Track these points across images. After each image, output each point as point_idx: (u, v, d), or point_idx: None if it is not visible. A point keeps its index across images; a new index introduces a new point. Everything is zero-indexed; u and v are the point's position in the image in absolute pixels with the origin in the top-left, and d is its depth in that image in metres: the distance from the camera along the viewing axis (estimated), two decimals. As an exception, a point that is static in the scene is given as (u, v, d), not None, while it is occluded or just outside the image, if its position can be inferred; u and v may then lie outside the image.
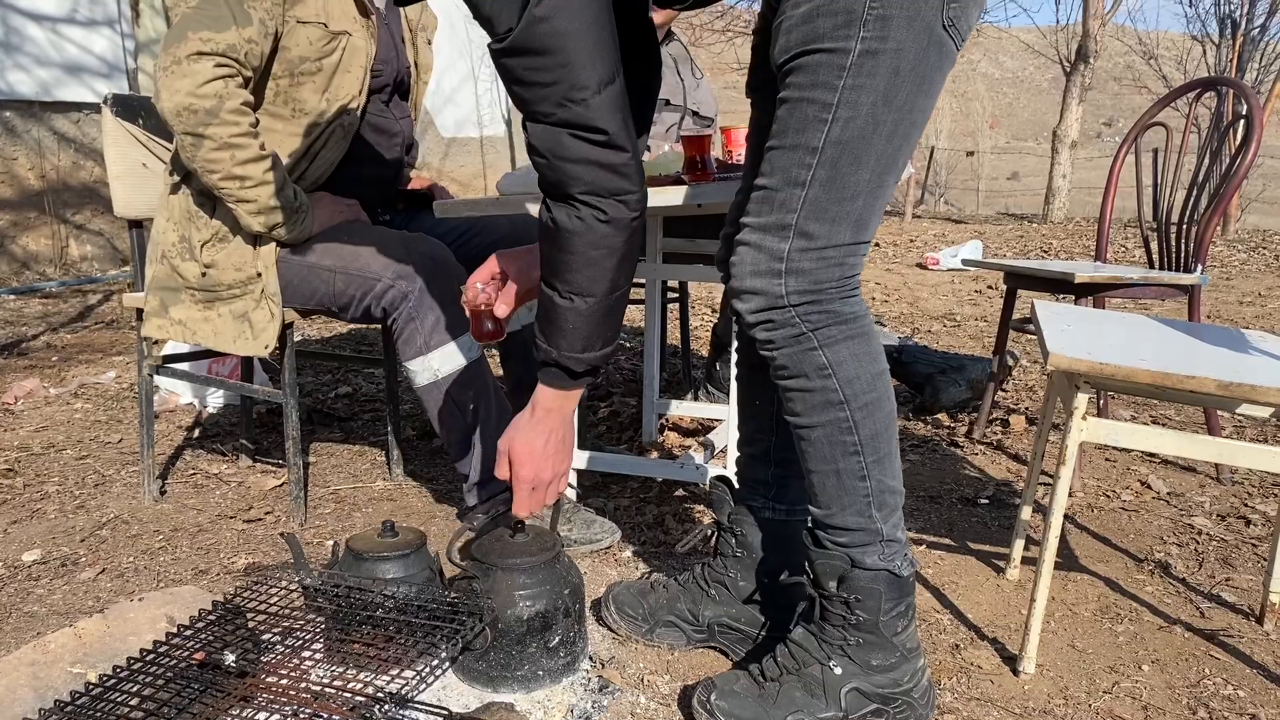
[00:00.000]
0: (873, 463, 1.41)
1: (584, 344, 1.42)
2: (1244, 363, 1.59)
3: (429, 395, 2.07)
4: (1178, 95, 2.73)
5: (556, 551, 1.59)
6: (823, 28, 1.28)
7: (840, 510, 1.43)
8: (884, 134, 1.30)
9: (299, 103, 2.13)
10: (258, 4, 2.01)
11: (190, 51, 1.94)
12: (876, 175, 1.33)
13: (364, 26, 2.17)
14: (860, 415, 1.39)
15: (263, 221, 2.07)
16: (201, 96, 1.94)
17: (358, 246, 2.10)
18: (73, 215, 6.26)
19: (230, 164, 1.99)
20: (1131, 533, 2.24)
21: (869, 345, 1.40)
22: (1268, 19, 9.28)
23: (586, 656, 1.63)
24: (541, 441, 1.50)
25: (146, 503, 2.39)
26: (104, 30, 6.32)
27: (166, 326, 2.18)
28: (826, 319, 1.36)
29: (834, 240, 1.33)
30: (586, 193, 1.32)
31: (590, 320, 1.41)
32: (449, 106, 9.60)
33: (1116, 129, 31.92)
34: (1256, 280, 6.24)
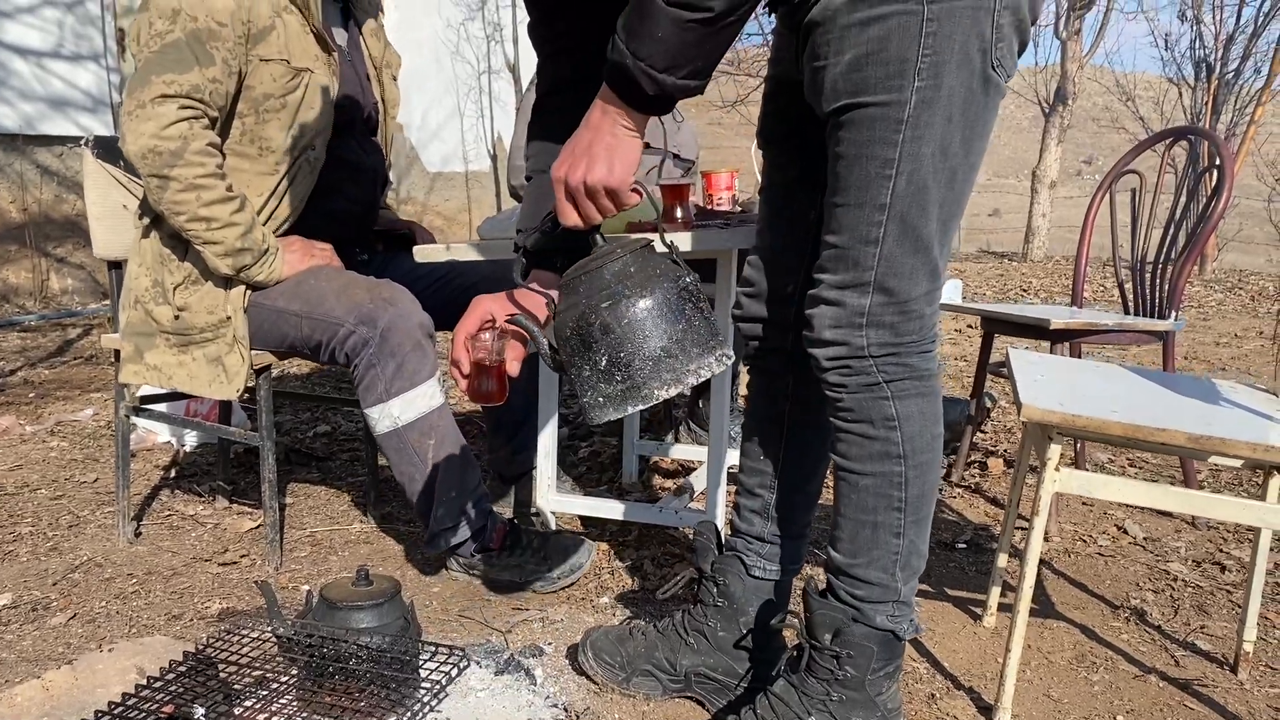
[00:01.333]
0: (911, 523, 1.42)
1: (668, 62, 1.20)
2: (1215, 414, 1.61)
3: (389, 443, 2.08)
4: (1151, 144, 2.77)
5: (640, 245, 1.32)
6: (873, 77, 1.28)
7: (867, 563, 1.43)
8: (945, 181, 1.32)
9: (265, 140, 2.14)
10: (220, 44, 2.03)
11: (154, 95, 1.97)
12: (942, 223, 1.34)
13: (325, 63, 2.19)
14: (913, 473, 1.40)
15: (230, 264, 2.07)
16: (166, 138, 1.96)
17: (323, 290, 2.11)
18: (54, 249, 6.25)
19: (196, 205, 2.00)
20: (1108, 579, 2.25)
21: (935, 406, 1.41)
22: (1241, 63, 9.44)
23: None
24: (579, 144, 1.28)
25: (121, 545, 2.37)
26: (89, 65, 6.34)
27: (143, 372, 2.18)
28: (903, 371, 1.37)
29: (913, 293, 1.35)
30: None
31: (689, 37, 1.19)
32: (435, 142, 9.65)
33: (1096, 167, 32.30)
34: (1233, 321, 6.31)
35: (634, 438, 2.80)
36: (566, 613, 2.00)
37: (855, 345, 1.36)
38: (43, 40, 6.09)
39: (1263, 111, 9.26)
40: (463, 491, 2.10)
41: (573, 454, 3.13)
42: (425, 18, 9.26)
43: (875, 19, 1.26)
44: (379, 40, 2.45)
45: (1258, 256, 13.53)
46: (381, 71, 2.44)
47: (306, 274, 2.17)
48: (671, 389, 1.23)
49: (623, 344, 1.22)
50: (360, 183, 2.34)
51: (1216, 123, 9.71)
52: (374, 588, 1.60)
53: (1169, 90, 10.75)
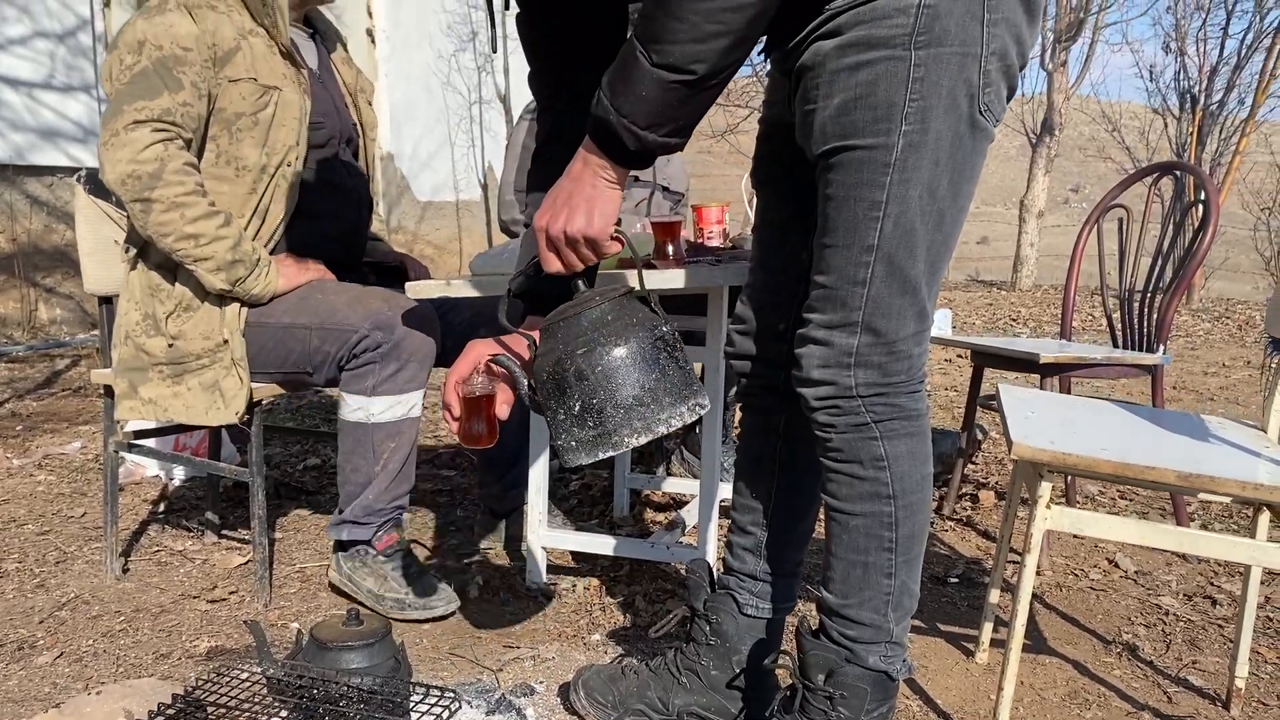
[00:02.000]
0: (902, 563, 1.42)
1: (651, 120, 1.22)
2: (1204, 451, 1.61)
3: (352, 432, 2.11)
4: (1138, 178, 2.80)
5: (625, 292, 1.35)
6: (861, 121, 1.30)
7: (859, 604, 1.43)
8: (932, 224, 1.33)
9: (240, 160, 2.15)
10: (186, 68, 2.06)
11: (127, 122, 2.00)
12: (930, 265, 1.36)
13: (295, 81, 2.21)
14: (903, 513, 1.40)
15: (225, 278, 2.07)
16: (142, 162, 1.99)
17: (333, 302, 2.12)
18: (43, 279, 6.23)
19: (182, 223, 2.02)
20: (1099, 613, 2.25)
21: (925, 445, 1.42)
22: (1225, 95, 9.55)
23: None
24: (560, 194, 1.31)
25: (108, 581, 2.35)
26: (79, 95, 6.36)
27: (138, 407, 2.17)
28: (892, 412, 1.38)
29: (900, 333, 1.36)
30: None
31: (672, 97, 1.21)
32: (425, 171, 9.68)
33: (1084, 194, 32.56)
34: (1220, 350, 6.34)
35: (625, 471, 2.79)
36: (558, 650, 1.99)
37: (843, 385, 1.37)
38: (34, 71, 6.10)
39: (1247, 142, 9.37)
40: (389, 501, 2.16)
41: (564, 487, 3.12)
42: (416, 49, 9.32)
43: (864, 64, 1.28)
44: (350, 68, 2.49)
45: (1244, 284, 13.62)
46: (356, 96, 2.47)
47: (310, 289, 2.18)
48: (643, 436, 1.25)
49: (596, 390, 1.25)
50: (344, 203, 2.36)
51: (1202, 153, 9.81)
52: (364, 627, 1.59)
53: (1154, 120, 10.86)
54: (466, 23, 9.96)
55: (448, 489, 3.12)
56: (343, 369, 2.09)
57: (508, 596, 2.27)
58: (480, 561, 2.49)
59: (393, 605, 2.11)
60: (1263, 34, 9.29)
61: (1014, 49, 1.32)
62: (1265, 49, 9.00)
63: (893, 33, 1.26)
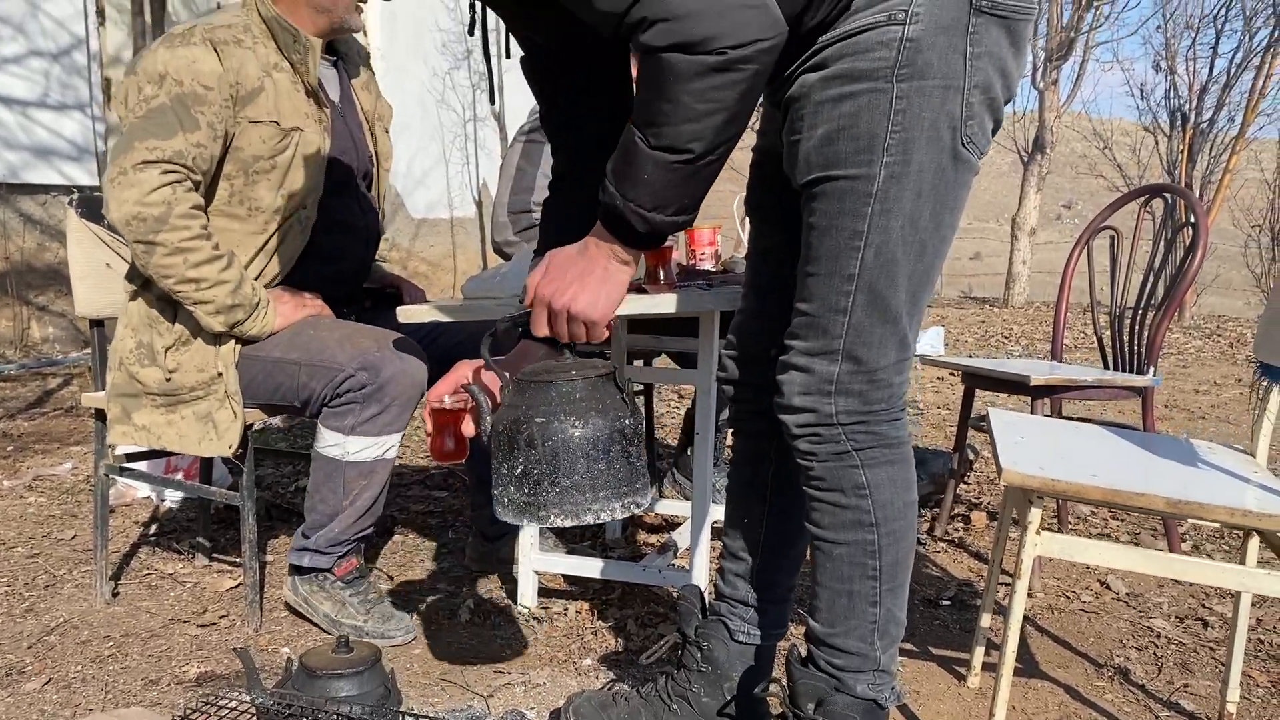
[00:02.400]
0: (887, 591, 1.42)
1: (656, 201, 1.25)
2: (1193, 477, 1.62)
3: (325, 466, 2.11)
4: (1128, 200, 2.81)
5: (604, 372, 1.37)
6: (844, 152, 1.31)
7: (845, 632, 1.43)
8: (914, 254, 1.34)
9: (254, 201, 2.14)
10: (205, 108, 2.03)
11: (136, 161, 1.97)
12: (911, 294, 1.37)
13: (317, 120, 2.19)
14: (886, 541, 1.40)
15: (223, 320, 2.07)
16: (149, 204, 1.97)
17: (324, 340, 2.11)
18: (35, 297, 6.22)
19: (184, 268, 2.01)
20: (1091, 636, 2.25)
21: (906, 472, 1.42)
22: (1215, 113, 9.60)
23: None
24: (573, 269, 1.32)
25: (98, 605, 2.34)
26: (74, 114, 6.36)
27: (131, 433, 2.17)
28: (872, 440, 1.38)
29: (881, 362, 1.37)
30: (712, 41, 1.16)
31: (673, 177, 1.24)
32: (420, 189, 9.69)
33: (1076, 211, 32.70)
34: (1212, 368, 6.36)
35: (617, 493, 2.79)
36: (549, 676, 1.99)
37: (824, 413, 1.37)
38: (29, 90, 6.11)
39: (1237, 160, 9.41)
40: (354, 533, 2.16)
41: (556, 508, 3.11)
42: (411, 66, 9.34)
43: (847, 96, 1.30)
44: (370, 93, 2.45)
45: (1236, 299, 13.67)
46: (374, 124, 2.45)
47: (303, 324, 2.17)
48: (569, 520, 1.29)
49: (540, 463, 1.28)
50: (355, 244, 2.35)
51: (1193, 170, 9.85)
52: (354, 655, 1.59)
53: (1145, 138, 10.92)
54: (462, 41, 9.99)
55: (439, 510, 3.11)
56: (325, 405, 2.09)
57: (499, 620, 2.27)
58: (472, 584, 2.48)
59: (350, 631, 2.10)
60: (1252, 53, 9.35)
61: (998, 81, 1.33)
62: (1254, 68, 9.06)
63: (876, 65, 1.28)
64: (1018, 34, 1.33)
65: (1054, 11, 10.59)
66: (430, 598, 2.40)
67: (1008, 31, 1.32)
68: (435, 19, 9.65)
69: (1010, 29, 1.32)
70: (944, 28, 1.27)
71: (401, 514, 3.06)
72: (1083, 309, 8.98)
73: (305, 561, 2.16)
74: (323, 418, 2.10)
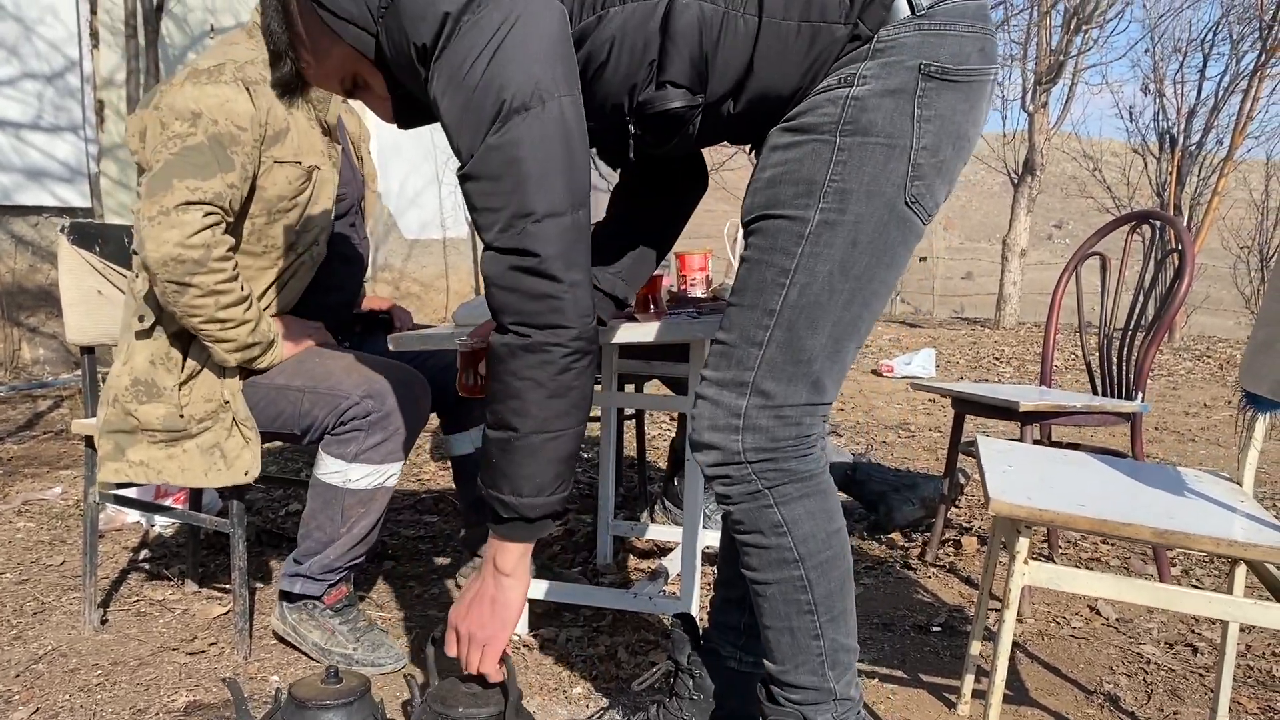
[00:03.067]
0: (826, 622, 1.42)
1: (510, 486, 1.38)
2: (1180, 507, 1.63)
3: (324, 492, 2.11)
4: (1116, 226, 2.83)
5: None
6: (784, 194, 1.36)
7: (794, 668, 1.43)
8: (841, 301, 1.36)
9: (272, 239, 2.14)
10: (239, 149, 2.01)
11: (179, 201, 1.93)
12: (833, 340, 1.37)
13: (329, 156, 2.21)
14: (815, 574, 1.40)
15: (240, 357, 2.08)
16: (190, 247, 1.94)
17: (330, 368, 2.11)
18: (26, 318, 6.21)
19: (214, 309, 2.00)
20: (1081, 662, 2.25)
21: (825, 503, 1.42)
22: (1203, 135, 9.68)
23: None
24: (470, 593, 1.49)
25: (87, 633, 2.33)
26: (67, 136, 6.37)
27: (125, 470, 2.13)
28: (782, 477, 1.38)
29: (790, 400, 1.37)
30: (516, 322, 1.32)
31: (512, 457, 1.36)
32: (412, 209, 9.71)
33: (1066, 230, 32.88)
34: (1202, 390, 6.39)
35: (609, 517, 2.79)
36: (539, 704, 1.98)
37: (730, 450, 1.38)
38: (22, 112, 6.12)
39: (1225, 182, 9.49)
40: (347, 561, 2.16)
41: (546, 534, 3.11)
42: (404, 88, 9.37)
43: (795, 144, 1.36)
44: (353, 116, 2.48)
45: (1226, 319, 13.74)
46: (359, 147, 2.48)
47: (307, 353, 2.17)
48: None
49: None
50: (351, 273, 2.37)
51: (1181, 192, 9.93)
52: (343, 685, 1.58)
53: (1134, 159, 11.00)
54: (454, 63, 10.04)
55: (430, 535, 3.11)
56: (327, 433, 2.09)
57: (489, 647, 2.26)
58: (462, 611, 2.48)
59: (339, 659, 2.10)
60: (1239, 77, 9.45)
61: (949, 144, 1.35)
62: (1241, 91, 9.15)
63: (822, 120, 1.34)
64: (975, 97, 1.37)
65: (1043, 35, 10.68)
66: (421, 625, 2.40)
67: (964, 96, 1.35)
68: (429, 41, 9.69)
69: (966, 93, 1.35)
70: (891, 91, 1.32)
71: (393, 539, 3.05)
72: (1073, 330, 9.02)
73: (297, 588, 2.16)
74: (324, 444, 2.09)
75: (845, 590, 1.45)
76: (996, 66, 1.39)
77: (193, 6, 7.41)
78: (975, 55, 1.34)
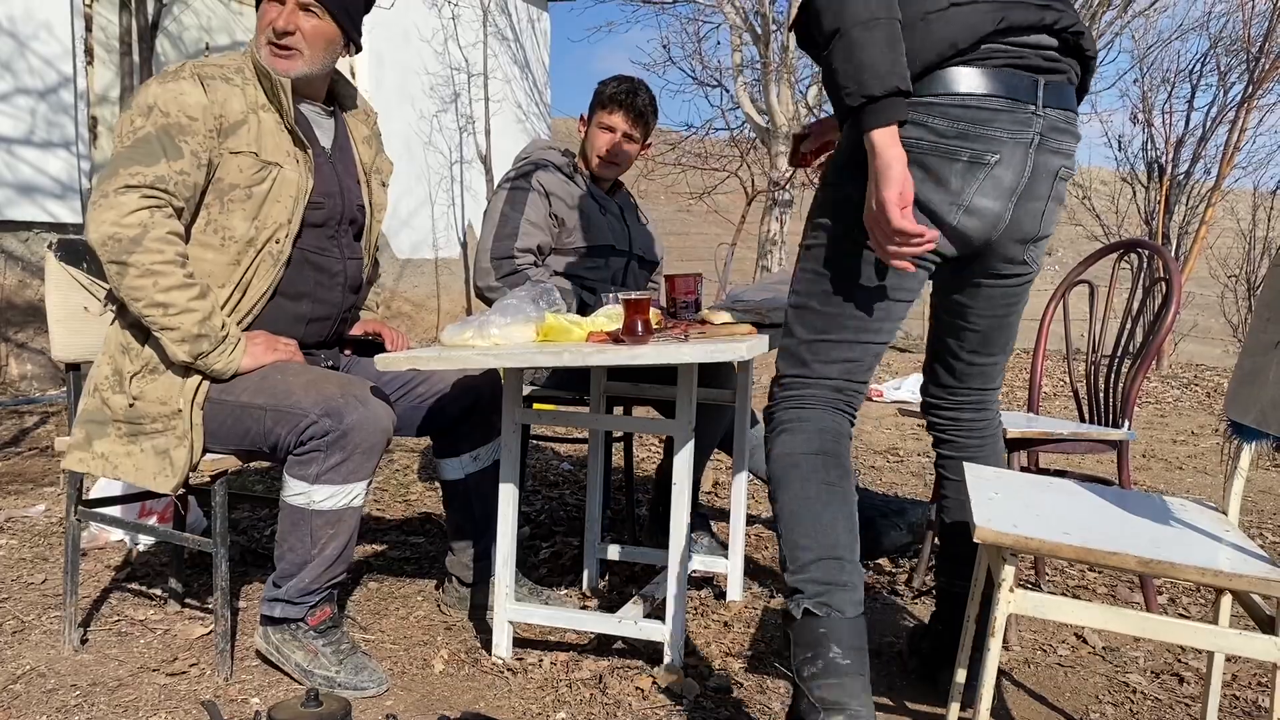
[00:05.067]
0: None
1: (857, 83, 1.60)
2: (1165, 535, 1.63)
3: (292, 515, 2.10)
4: (1102, 255, 2.85)
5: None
6: (809, 220, 1.89)
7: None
8: (807, 315, 1.93)
9: (228, 230, 2.15)
10: (189, 137, 2.07)
11: (118, 185, 2.01)
12: (811, 337, 1.93)
13: (300, 160, 2.21)
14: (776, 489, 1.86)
15: (188, 350, 2.07)
16: (126, 226, 2.00)
17: (290, 385, 2.10)
18: (15, 334, 6.18)
19: (153, 290, 2.01)
20: (1067, 690, 2.24)
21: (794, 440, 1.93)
22: (1191, 165, 9.75)
23: None
24: (885, 190, 1.60)
25: (66, 653, 2.30)
26: (59, 151, 6.36)
27: (87, 460, 2.16)
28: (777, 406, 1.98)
29: (781, 351, 1.97)
30: None
31: (856, 49, 1.58)
32: (405, 229, 9.71)
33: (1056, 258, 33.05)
34: (1189, 418, 6.40)
35: (595, 540, 2.78)
36: (522, 729, 1.97)
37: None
38: (14, 127, 6.11)
39: (1213, 211, 9.55)
40: (325, 582, 2.15)
41: (533, 555, 3.10)
42: (398, 109, 9.40)
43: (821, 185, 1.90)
44: (371, 148, 2.48)
45: (1214, 347, 13.79)
46: (371, 176, 2.47)
47: (271, 369, 2.16)
48: None
49: None
50: (329, 286, 2.34)
51: (1170, 220, 9.98)
52: (323, 709, 1.58)
53: (1123, 187, 11.06)
54: (449, 84, 10.08)
55: (414, 557, 3.09)
56: (289, 452, 2.08)
57: (472, 670, 2.25)
58: (446, 633, 2.46)
59: (321, 681, 2.09)
60: (1226, 107, 9.52)
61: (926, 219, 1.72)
62: (1229, 122, 9.22)
63: (827, 175, 1.84)
64: (938, 171, 1.68)
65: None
66: (404, 647, 2.38)
67: (920, 167, 1.67)
68: (423, 63, 9.74)
69: (925, 165, 1.67)
70: (859, 163, 1.67)
71: (378, 560, 3.04)
72: (1061, 356, 9.05)
73: (277, 612, 2.14)
74: (287, 466, 2.09)
75: (797, 514, 1.79)
76: (966, 147, 1.73)
77: (188, 25, 7.44)
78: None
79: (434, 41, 9.81)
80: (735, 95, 11.68)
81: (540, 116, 11.90)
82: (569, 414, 2.78)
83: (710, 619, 2.59)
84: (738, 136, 12.33)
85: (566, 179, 3.05)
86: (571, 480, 4.18)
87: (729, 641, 2.44)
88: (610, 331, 2.09)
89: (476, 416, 2.45)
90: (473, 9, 10.07)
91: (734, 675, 2.24)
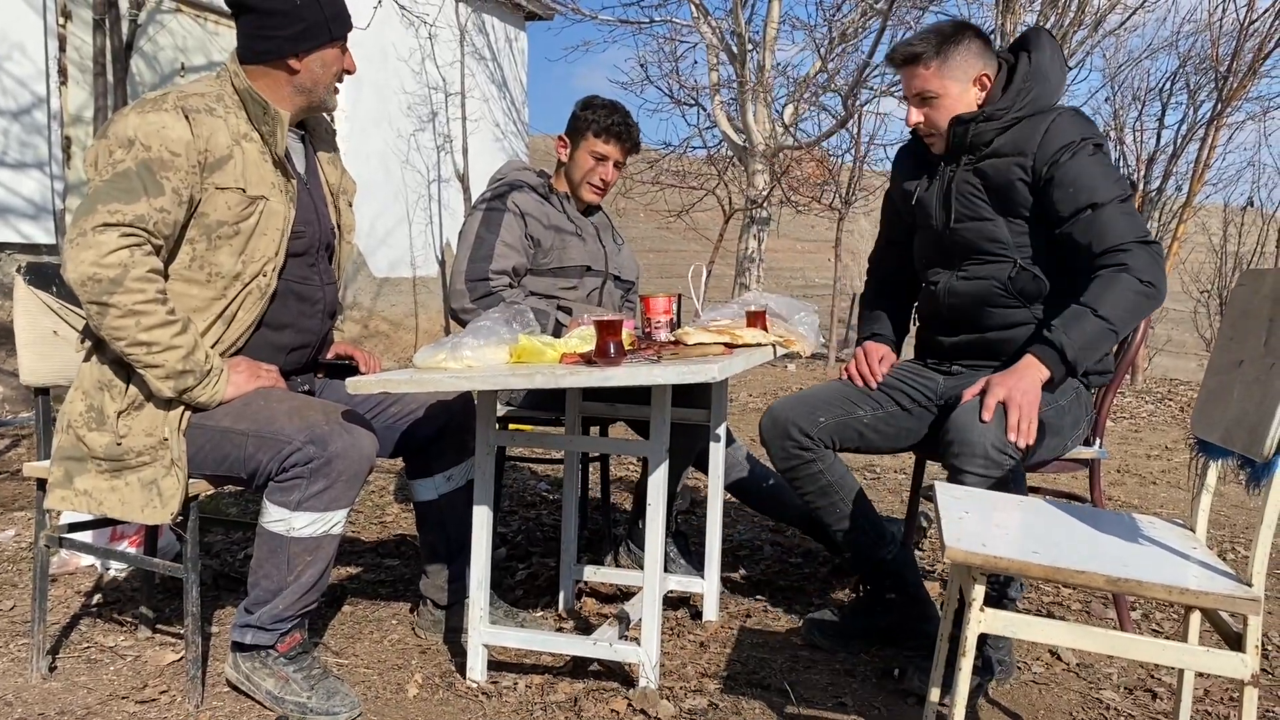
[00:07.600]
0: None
1: (1083, 345, 2.22)
2: (1134, 554, 1.64)
3: (269, 541, 2.08)
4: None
5: None
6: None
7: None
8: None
9: (215, 266, 2.13)
10: (171, 173, 2.02)
11: (97, 223, 1.96)
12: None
13: (283, 190, 2.20)
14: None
15: (173, 386, 2.05)
16: (106, 266, 1.95)
17: (274, 411, 2.09)
18: (-14, 356, 6.12)
19: (136, 330, 1.99)
20: (1042, 708, 2.25)
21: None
22: (1163, 182, 9.88)
23: None
24: (1021, 382, 2.17)
25: (34, 680, 2.28)
26: (33, 172, 6.33)
27: (70, 498, 2.12)
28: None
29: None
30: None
31: (1098, 338, 2.22)
32: (382, 248, 9.70)
33: (1032, 274, 33.24)
34: (1163, 433, 6.46)
35: (571, 561, 2.77)
36: (496, 754, 1.95)
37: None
38: (-13, 148, 6.08)
39: (1185, 227, 9.66)
40: (298, 610, 2.13)
41: (509, 576, 3.09)
42: (376, 128, 9.41)
43: None
44: (335, 168, 2.46)
45: (1189, 361, 13.94)
46: (338, 197, 2.46)
47: (254, 395, 2.15)
48: None
49: None
50: (310, 314, 2.33)
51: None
52: (293, 737, 1.56)
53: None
54: (426, 104, 10.09)
55: (389, 580, 3.07)
56: (271, 479, 2.07)
57: (447, 694, 2.23)
58: (420, 656, 2.45)
59: (293, 708, 2.07)
60: (1196, 125, 9.65)
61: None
62: (1199, 139, 9.34)
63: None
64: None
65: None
66: (378, 671, 2.36)
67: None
68: (401, 82, 9.75)
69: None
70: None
71: (352, 583, 3.02)
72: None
73: (248, 639, 2.12)
74: (268, 492, 2.07)
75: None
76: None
77: (163, 45, 7.42)
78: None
79: (411, 61, 9.83)
80: (712, 114, 11.76)
81: (518, 135, 11.93)
82: (543, 436, 2.77)
83: (686, 639, 2.58)
84: (715, 155, 12.40)
85: (542, 200, 3.05)
86: (548, 500, 4.17)
87: (704, 662, 2.43)
88: (583, 353, 2.10)
89: (449, 436, 2.44)
90: (450, 28, 10.10)
91: (710, 696, 2.23)
